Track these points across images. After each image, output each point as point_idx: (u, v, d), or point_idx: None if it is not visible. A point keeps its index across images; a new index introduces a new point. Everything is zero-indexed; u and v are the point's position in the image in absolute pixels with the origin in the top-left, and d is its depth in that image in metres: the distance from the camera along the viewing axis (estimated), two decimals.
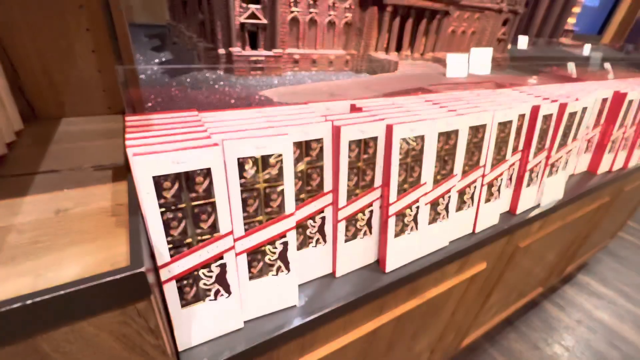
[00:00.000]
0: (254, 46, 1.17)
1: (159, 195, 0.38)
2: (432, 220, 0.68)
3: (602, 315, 1.76)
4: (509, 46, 3.37)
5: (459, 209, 0.73)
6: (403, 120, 0.57)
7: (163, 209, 0.39)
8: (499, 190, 0.80)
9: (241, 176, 0.45)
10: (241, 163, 0.44)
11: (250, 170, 0.45)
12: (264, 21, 1.13)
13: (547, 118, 0.82)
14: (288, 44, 1.27)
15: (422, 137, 0.59)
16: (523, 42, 3.39)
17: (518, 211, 0.89)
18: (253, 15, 1.10)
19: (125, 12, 0.62)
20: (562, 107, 0.83)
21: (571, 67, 3.21)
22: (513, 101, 0.81)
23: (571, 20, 4.31)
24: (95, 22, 0.62)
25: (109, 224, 0.38)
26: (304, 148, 0.51)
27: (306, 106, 0.59)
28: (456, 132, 0.64)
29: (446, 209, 0.70)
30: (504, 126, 0.73)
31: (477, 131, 0.68)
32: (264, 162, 0.45)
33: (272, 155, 0.46)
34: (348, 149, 0.53)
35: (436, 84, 1.19)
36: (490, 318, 1.38)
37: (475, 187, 0.74)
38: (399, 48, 1.47)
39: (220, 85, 1.03)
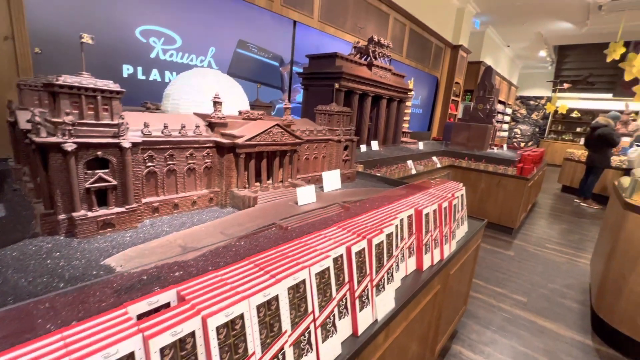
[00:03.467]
0: (103, 203, 1.17)
1: None
2: None
3: None
4: (364, 149, 4.15)
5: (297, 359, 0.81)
6: (220, 306, 0.65)
7: None
8: (334, 324, 0.93)
9: None
10: None
11: None
12: (114, 182, 1.16)
13: (360, 252, 1.04)
14: (146, 194, 1.32)
15: (240, 316, 0.68)
16: (375, 145, 4.28)
17: (359, 332, 1.03)
18: (100, 179, 1.13)
19: None
20: (369, 241, 1.07)
21: (410, 164, 4.16)
22: (333, 243, 1.01)
23: (405, 125, 5.67)
24: None
25: None
26: None
27: (122, 312, 0.62)
28: (276, 296, 0.75)
29: None
30: (323, 272, 0.90)
31: (298, 287, 0.82)
32: None
33: None
34: (160, 355, 0.56)
35: (288, 216, 1.39)
36: None
37: (309, 332, 0.85)
38: (260, 180, 1.68)
39: (54, 258, 0.96)
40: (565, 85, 12.06)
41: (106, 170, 1.15)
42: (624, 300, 2.26)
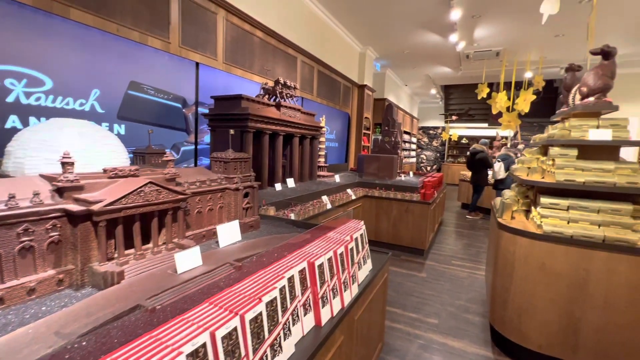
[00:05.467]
0: None
1: None
2: None
3: None
4: (280, 188, 4.09)
5: None
6: None
7: None
8: None
9: None
10: None
11: None
12: None
13: (230, 334, 0.91)
14: None
15: None
16: (291, 182, 4.27)
17: None
18: None
19: None
20: (242, 318, 0.96)
21: (325, 199, 4.23)
22: (195, 330, 0.86)
23: (322, 159, 5.85)
24: None
25: None
26: None
27: None
28: None
29: None
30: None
31: None
32: None
33: None
34: None
35: (160, 292, 1.19)
36: None
37: None
38: (132, 247, 1.44)
39: None
40: (454, 117, 14.29)
41: None
42: (510, 310, 2.55)
